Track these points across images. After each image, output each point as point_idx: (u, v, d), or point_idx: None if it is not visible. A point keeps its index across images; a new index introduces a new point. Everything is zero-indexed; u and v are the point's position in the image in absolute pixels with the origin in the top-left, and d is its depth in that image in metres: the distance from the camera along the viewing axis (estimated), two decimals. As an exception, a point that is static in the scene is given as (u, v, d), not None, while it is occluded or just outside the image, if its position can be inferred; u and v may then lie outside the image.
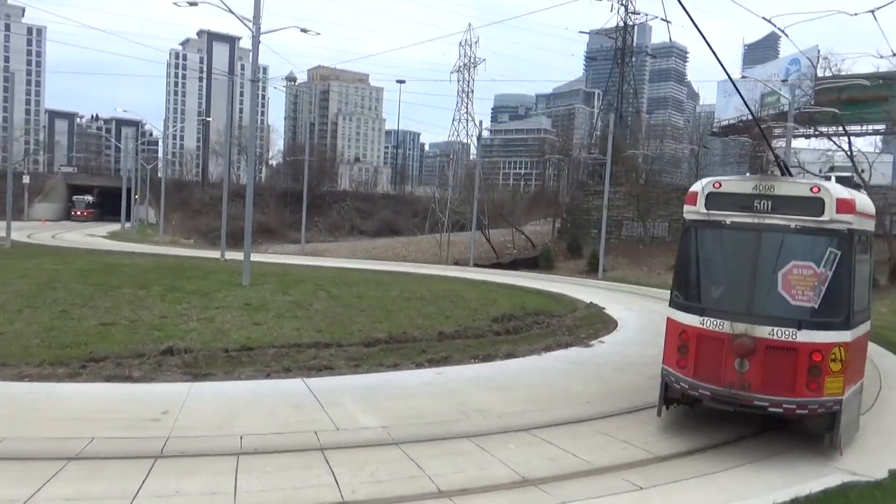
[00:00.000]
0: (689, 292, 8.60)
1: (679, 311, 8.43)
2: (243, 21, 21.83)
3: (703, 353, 7.83)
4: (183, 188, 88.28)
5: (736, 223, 8.02)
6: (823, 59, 43.07)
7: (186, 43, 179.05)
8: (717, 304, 8.01)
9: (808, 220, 7.60)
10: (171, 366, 10.32)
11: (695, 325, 7.96)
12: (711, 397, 7.75)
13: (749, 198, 7.93)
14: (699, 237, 8.62)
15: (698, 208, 8.36)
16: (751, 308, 7.70)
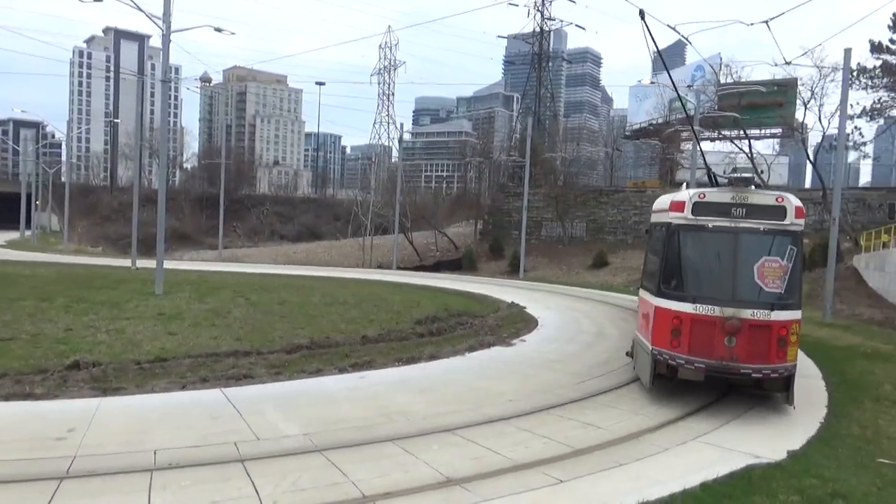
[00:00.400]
0: (679, 284, 10.07)
1: (669, 300, 9.87)
2: (153, 19, 21.04)
3: (697, 334, 9.45)
4: (90, 193, 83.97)
5: (718, 226, 9.72)
6: (725, 67, 45.66)
7: (92, 41, 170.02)
8: (707, 293, 9.57)
9: (775, 223, 9.56)
10: (78, 381, 9.77)
11: (688, 311, 9.56)
12: (706, 369, 9.37)
13: (728, 206, 9.74)
14: (685, 238, 10.12)
15: (685, 214, 9.92)
16: (735, 295, 9.38)
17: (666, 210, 10.38)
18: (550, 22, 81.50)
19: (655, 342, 10.04)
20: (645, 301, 11.12)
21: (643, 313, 11.24)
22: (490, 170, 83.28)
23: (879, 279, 26.76)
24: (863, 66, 39.62)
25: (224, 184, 51.25)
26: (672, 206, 10.26)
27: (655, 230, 11.32)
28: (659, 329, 10.00)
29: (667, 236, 10.27)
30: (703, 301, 9.46)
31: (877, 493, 6.59)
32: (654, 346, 10.03)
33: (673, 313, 9.75)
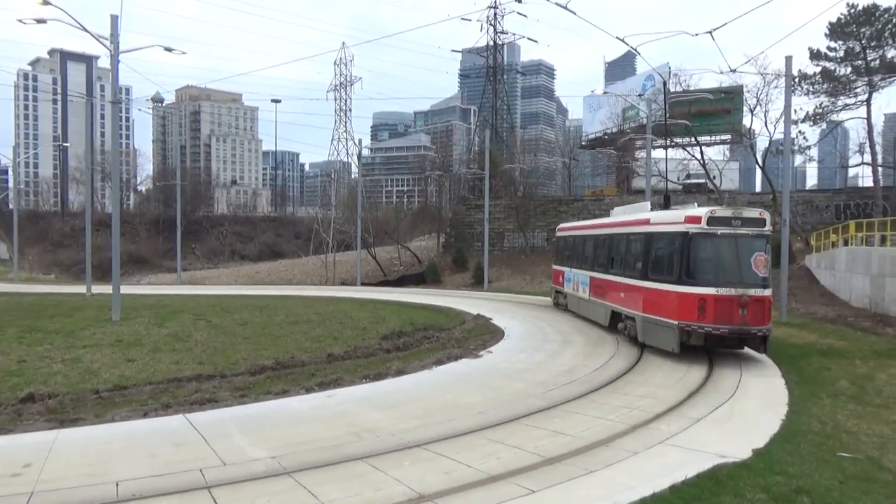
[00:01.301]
0: (701, 275, 14.14)
1: (693, 286, 13.95)
2: (100, 40, 20.65)
3: (719, 309, 13.58)
4: (40, 220, 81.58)
5: (724, 233, 14.14)
6: (674, 76, 46.89)
7: (37, 63, 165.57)
8: (724, 280, 13.86)
9: (759, 230, 14.33)
10: (33, 413, 9.44)
11: (711, 293, 13.67)
12: (728, 333, 13.64)
13: (729, 219, 14.17)
14: (702, 243, 14.29)
15: (702, 226, 14.15)
16: (744, 280, 13.85)
17: (678, 224, 14.70)
18: (503, 35, 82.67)
19: (682, 318, 14.04)
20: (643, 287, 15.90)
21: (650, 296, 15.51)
22: (450, 183, 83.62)
23: (830, 278, 27.65)
24: (804, 72, 41.19)
25: (180, 205, 50.28)
26: (688, 220, 14.46)
27: (662, 237, 15.47)
28: (686, 307, 14.01)
29: (685, 241, 14.31)
30: (723, 285, 13.70)
31: (839, 486, 6.77)
32: (681, 320, 14.04)
33: (698, 295, 13.81)
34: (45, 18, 20.85)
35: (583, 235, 23.32)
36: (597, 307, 20.20)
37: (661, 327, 14.79)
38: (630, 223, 18.16)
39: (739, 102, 46.67)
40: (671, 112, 43.67)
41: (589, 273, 21.26)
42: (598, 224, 22.45)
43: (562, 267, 25.31)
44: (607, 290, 19.17)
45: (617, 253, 18.84)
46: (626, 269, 17.62)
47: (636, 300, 16.40)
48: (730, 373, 12.79)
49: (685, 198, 47.86)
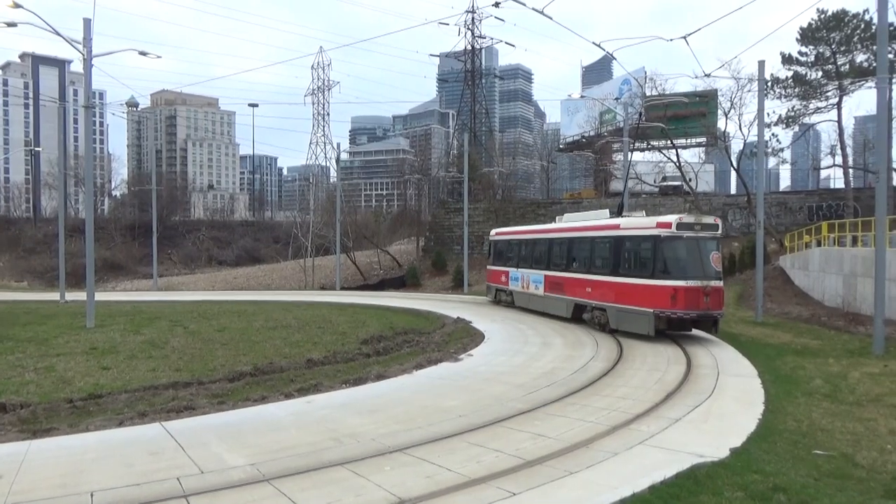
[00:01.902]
0: (672, 270, 17.16)
1: (666, 280, 17.01)
2: (72, 44, 20.33)
3: (688, 297, 16.71)
4: (11, 226, 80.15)
5: (689, 236, 17.28)
6: (650, 80, 47.40)
7: (8, 67, 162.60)
8: (691, 274, 16.99)
9: (715, 233, 17.78)
10: (4, 424, 9.24)
11: (682, 284, 16.74)
12: (696, 317, 16.89)
13: (692, 225, 17.45)
14: (673, 244, 17.31)
15: (672, 230, 17.22)
16: (706, 274, 17.07)
17: (651, 229, 17.70)
18: (481, 40, 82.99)
19: (656, 306, 17.08)
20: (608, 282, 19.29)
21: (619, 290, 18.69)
22: (429, 186, 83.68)
23: (804, 278, 28.10)
24: (776, 76, 41.91)
25: (156, 210, 49.66)
26: (660, 225, 17.56)
27: (635, 240, 18.43)
28: (658, 298, 17.06)
29: (657, 243, 17.39)
30: (691, 279, 16.88)
31: (814, 484, 6.87)
32: (657, 308, 17.03)
33: (671, 287, 16.86)
34: (15, 22, 20.52)
35: (532, 239, 25.90)
36: (556, 301, 22.82)
37: (636, 315, 17.81)
38: (596, 228, 20.89)
39: (714, 106, 47.35)
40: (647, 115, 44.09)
41: (544, 272, 24.03)
42: (550, 229, 24.78)
43: (504, 267, 27.95)
44: (568, 286, 21.98)
45: (580, 253, 21.69)
46: (593, 267, 20.55)
47: (606, 293, 19.39)
48: (707, 373, 12.93)
49: (662, 199, 48.44)
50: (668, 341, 17.11)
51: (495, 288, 29.02)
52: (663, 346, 16.50)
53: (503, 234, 29.42)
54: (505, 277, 27.69)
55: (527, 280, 25.38)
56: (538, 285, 24.24)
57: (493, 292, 29.31)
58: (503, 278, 27.88)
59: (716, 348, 16.10)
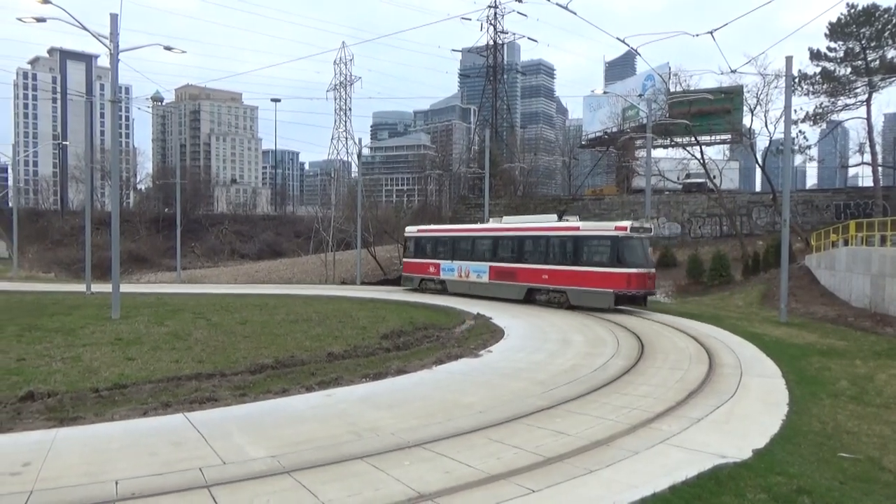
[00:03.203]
0: (627, 261, 23.59)
1: (622, 268, 23.51)
2: (99, 39, 20.59)
3: (638, 280, 23.48)
4: (39, 218, 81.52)
5: (637, 238, 24.11)
6: (674, 76, 46.90)
7: (36, 61, 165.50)
8: (639, 264, 23.82)
9: (650, 234, 25.89)
10: (33, 412, 9.42)
11: (633, 271, 23.48)
12: (642, 294, 24.21)
13: (640, 228, 24.42)
14: (627, 243, 23.82)
15: (627, 232, 23.76)
16: (647, 263, 24.49)
17: (610, 231, 24.32)
18: (503, 35, 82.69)
19: (615, 287, 23.67)
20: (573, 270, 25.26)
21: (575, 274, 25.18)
22: (450, 182, 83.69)
23: (830, 278, 27.64)
24: (804, 72, 41.22)
25: (180, 204, 50.27)
26: (617, 229, 24.16)
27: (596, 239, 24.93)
28: (617, 281, 23.60)
29: (616, 242, 23.89)
30: (638, 267, 23.64)
31: (839, 487, 6.76)
32: (614, 288, 23.65)
33: (626, 273, 23.51)
34: (44, 17, 20.85)
35: (471, 236, 31.32)
36: (505, 287, 28.40)
37: (598, 294, 24.19)
38: (553, 228, 27.12)
39: (739, 102, 46.70)
40: (671, 112, 43.70)
41: (489, 263, 29.42)
42: (494, 228, 30.50)
43: (433, 260, 32.74)
44: (521, 274, 27.68)
45: (535, 248, 27.41)
46: (550, 259, 26.44)
47: (566, 279, 25.47)
48: (730, 373, 12.78)
49: (685, 197, 47.93)
50: (690, 339, 16.96)
51: (419, 277, 33.66)
52: (685, 343, 16.34)
53: (427, 232, 34.45)
54: (434, 268, 32.55)
55: (465, 270, 30.69)
56: (481, 274, 29.77)
57: (418, 281, 33.76)
58: (431, 269, 32.75)
59: (740, 348, 15.91)
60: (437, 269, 32.40)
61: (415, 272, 34.11)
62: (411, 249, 34.71)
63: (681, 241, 45.48)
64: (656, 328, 19.48)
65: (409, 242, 35.09)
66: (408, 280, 35.03)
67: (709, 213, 46.67)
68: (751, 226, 45.27)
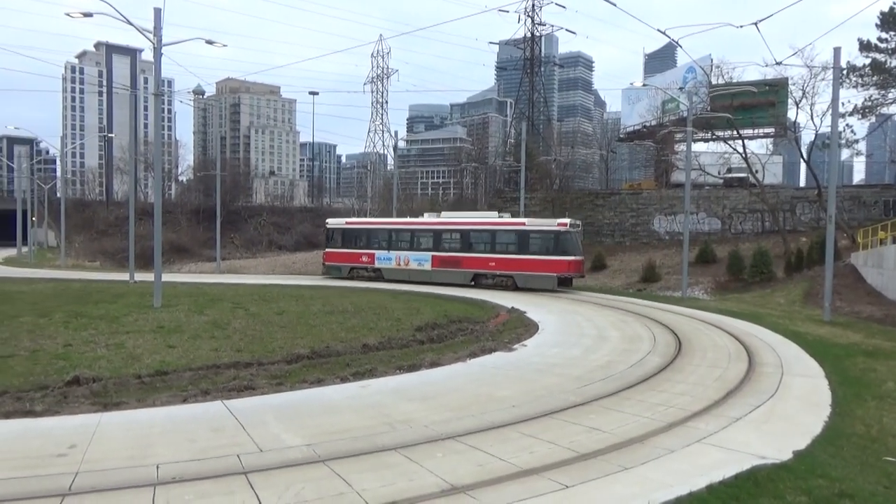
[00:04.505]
0: (566, 250, 29.39)
1: (562, 256, 29.25)
2: (143, 33, 21.02)
3: (573, 265, 29.66)
4: (85, 208, 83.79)
5: (573, 232, 30.01)
6: (716, 68, 45.87)
7: (83, 56, 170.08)
8: (574, 252, 29.77)
9: (580, 230, 32.45)
10: (78, 396, 9.73)
11: (571, 259, 29.41)
12: (576, 276, 30.69)
13: (576, 224, 31.06)
14: (567, 236, 29.39)
15: (567, 228, 29.41)
16: (580, 253, 30.86)
17: (553, 227, 29.59)
18: (541, 27, 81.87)
19: (558, 271, 29.21)
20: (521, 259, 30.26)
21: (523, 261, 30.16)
22: (486, 175, 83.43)
23: (878, 276, 26.80)
24: (853, 64, 39.83)
25: (220, 195, 51.19)
26: (559, 225, 29.51)
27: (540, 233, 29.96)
28: (559, 267, 29.11)
29: (558, 235, 29.16)
30: (574, 255, 29.45)
31: (883, 492, 6.56)
32: (557, 273, 29.18)
33: (566, 260, 29.13)
34: (91, 12, 21.36)
35: (411, 229, 34.53)
36: (449, 273, 32.11)
37: (542, 278, 29.50)
38: (501, 223, 31.92)
39: (784, 95, 45.44)
40: (713, 105, 42.73)
41: (431, 253, 32.93)
42: (436, 221, 33.86)
43: (365, 250, 35.38)
44: (466, 262, 31.86)
45: (481, 240, 31.83)
46: (498, 249, 30.96)
47: (513, 266, 30.31)
48: (770, 372, 12.50)
49: (726, 192, 46.93)
50: (729, 337, 16.64)
51: (349, 266, 36.02)
52: (724, 341, 16.04)
53: (357, 224, 38.30)
54: (367, 258, 35.18)
55: (405, 259, 33.82)
56: (423, 262, 33.16)
57: (347, 270, 36.09)
58: (364, 258, 35.38)
59: (781, 347, 15.55)
60: (372, 258, 35.00)
61: (342, 261, 36.32)
62: (337, 240, 36.79)
63: (721, 237, 44.59)
64: (694, 325, 19.17)
65: (335, 233, 37.12)
66: (333, 269, 36.94)
67: (750, 208, 45.63)
68: (794, 222, 44.12)
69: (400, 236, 34.59)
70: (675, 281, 34.37)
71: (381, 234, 35.35)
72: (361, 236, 36.20)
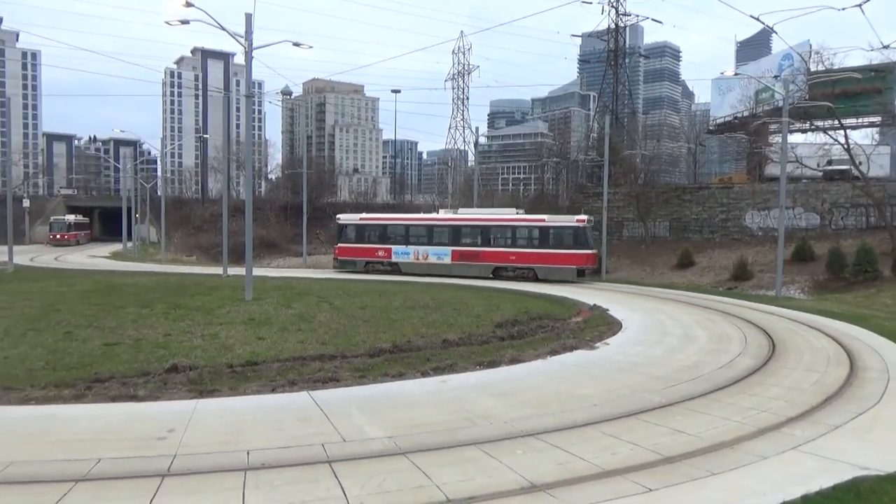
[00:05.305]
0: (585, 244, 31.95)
1: (582, 250, 31.69)
2: (235, 37, 21.93)
3: (591, 258, 32.37)
4: (183, 205, 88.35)
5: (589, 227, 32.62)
6: (815, 54, 43.16)
7: (181, 61, 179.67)
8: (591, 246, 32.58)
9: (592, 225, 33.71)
10: (176, 383, 10.32)
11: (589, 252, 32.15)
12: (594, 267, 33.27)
13: (590, 220, 33.01)
14: (585, 231, 32.01)
15: (584, 224, 32.05)
16: (594, 248, 33.31)
17: (573, 223, 32.22)
18: (625, 18, 79.61)
19: (577, 264, 31.55)
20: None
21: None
22: (567, 170, 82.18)
23: None
24: (974, 45, 36.59)
25: (306, 193, 52.81)
26: (577, 221, 32.07)
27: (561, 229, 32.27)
28: (578, 260, 31.53)
29: (577, 230, 31.84)
30: (591, 249, 32.15)
31: None
32: (577, 265, 31.55)
33: (585, 254, 31.66)
34: (188, 19, 22.49)
35: (430, 224, 36.24)
36: (469, 267, 33.69)
37: (563, 270, 31.37)
38: (522, 220, 34.15)
39: (892, 81, 42.41)
40: (811, 93, 40.37)
41: (451, 248, 34.53)
42: (454, 217, 36.09)
43: (380, 245, 36.66)
44: (487, 256, 33.53)
45: (502, 235, 33.66)
46: (519, 243, 33.08)
47: (534, 259, 32.25)
48: (874, 377, 11.70)
49: (825, 185, 44.26)
50: (828, 339, 15.70)
51: (364, 261, 37.16)
52: (822, 343, 15.15)
53: (371, 220, 38.95)
54: (384, 252, 36.44)
55: (424, 253, 35.27)
56: (442, 257, 34.66)
57: (363, 264, 37.19)
58: (380, 253, 36.58)
59: (887, 351, 14.51)
60: (389, 252, 36.30)
61: (357, 256, 37.44)
62: (351, 236, 37.86)
63: (819, 233, 42.06)
64: (789, 326, 18.19)
65: (348, 229, 38.35)
66: (347, 263, 37.88)
67: (853, 202, 42.78)
68: (903, 217, 41.04)
69: (417, 232, 36.16)
70: (768, 279, 32.72)
71: (398, 230, 37.02)
72: (377, 232, 37.51)
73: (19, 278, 30.63)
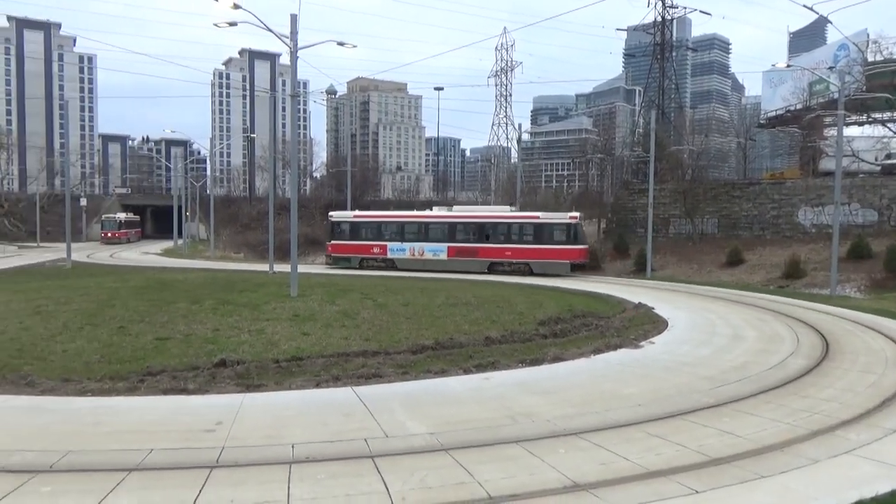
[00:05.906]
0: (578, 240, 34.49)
1: (575, 245, 33.80)
2: (281, 38, 22.29)
3: (585, 254, 35.11)
4: (231, 204, 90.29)
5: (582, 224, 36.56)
6: (873, 44, 41.63)
7: (229, 62, 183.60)
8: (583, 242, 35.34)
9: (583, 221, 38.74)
10: (224, 377, 10.57)
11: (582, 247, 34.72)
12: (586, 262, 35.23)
13: (582, 217, 38.30)
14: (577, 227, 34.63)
15: (577, 221, 34.86)
16: (586, 243, 36.65)
17: (566, 219, 34.13)
18: (673, 10, 78.03)
19: (571, 259, 33.62)
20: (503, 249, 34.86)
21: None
22: (612, 166, 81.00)
23: None
24: None
25: (350, 190, 53.44)
26: (570, 218, 34.23)
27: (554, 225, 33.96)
28: (572, 255, 33.58)
29: (570, 227, 33.75)
30: (583, 244, 34.68)
31: None
32: (571, 260, 33.63)
33: (578, 249, 33.92)
34: (236, 21, 22.96)
35: (425, 222, 37.38)
36: (465, 262, 34.87)
37: (557, 264, 33.12)
38: (517, 217, 35.76)
39: (957, 70, 40.40)
40: (869, 84, 38.88)
41: (447, 244, 35.78)
42: (451, 215, 37.35)
43: (377, 242, 37.72)
44: (483, 252, 34.91)
45: (497, 231, 34.95)
46: (514, 239, 34.30)
47: (529, 254, 33.73)
48: (936, 380, 11.20)
49: (884, 180, 42.58)
50: (886, 340, 15.11)
51: (359, 257, 38.08)
52: (879, 344, 14.59)
53: (365, 218, 39.55)
54: (379, 249, 37.50)
55: (419, 250, 36.45)
56: (438, 253, 35.93)
57: (357, 261, 38.06)
58: (375, 250, 37.64)
59: (948, 352, 13.89)
60: (384, 249, 37.43)
61: (352, 252, 38.35)
62: (345, 233, 38.68)
63: (877, 230, 40.45)
64: (844, 326, 17.57)
65: (342, 226, 39.08)
66: (341, 259, 38.86)
67: (913, 197, 41.04)
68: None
69: (414, 228, 37.37)
70: (822, 278, 31.66)
71: (393, 228, 38.09)
72: (372, 229, 38.42)
73: (77, 274, 31.83)
